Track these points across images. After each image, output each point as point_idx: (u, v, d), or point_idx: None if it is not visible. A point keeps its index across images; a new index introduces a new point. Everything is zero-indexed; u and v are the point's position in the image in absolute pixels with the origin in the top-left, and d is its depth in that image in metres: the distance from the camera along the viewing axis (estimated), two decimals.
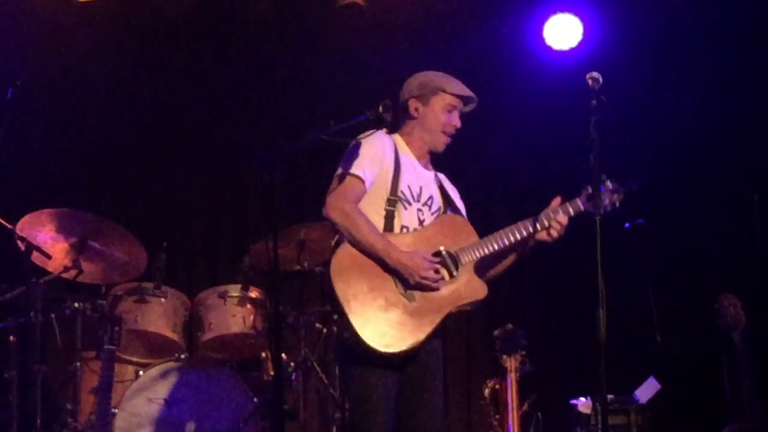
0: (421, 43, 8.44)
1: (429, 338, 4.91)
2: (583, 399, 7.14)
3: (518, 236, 5.14)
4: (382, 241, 4.87)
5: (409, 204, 5.08)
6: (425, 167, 5.27)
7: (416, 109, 5.22)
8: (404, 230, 5.03)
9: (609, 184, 5.16)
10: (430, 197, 5.20)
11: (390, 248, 4.86)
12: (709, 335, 6.94)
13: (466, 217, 5.29)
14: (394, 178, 5.05)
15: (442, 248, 5.03)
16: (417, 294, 4.90)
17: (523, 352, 5.95)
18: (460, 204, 5.36)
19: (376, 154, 5.03)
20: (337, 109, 7.91)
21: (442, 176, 5.38)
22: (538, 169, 8.48)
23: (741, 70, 8.16)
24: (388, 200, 5.02)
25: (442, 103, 5.23)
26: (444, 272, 5.00)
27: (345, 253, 4.86)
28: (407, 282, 4.88)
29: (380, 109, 4.89)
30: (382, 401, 4.88)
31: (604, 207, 5.09)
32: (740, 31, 8.12)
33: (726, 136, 8.22)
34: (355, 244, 4.85)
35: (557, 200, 5.23)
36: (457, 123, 5.25)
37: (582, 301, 5.18)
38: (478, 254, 5.07)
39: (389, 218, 5.01)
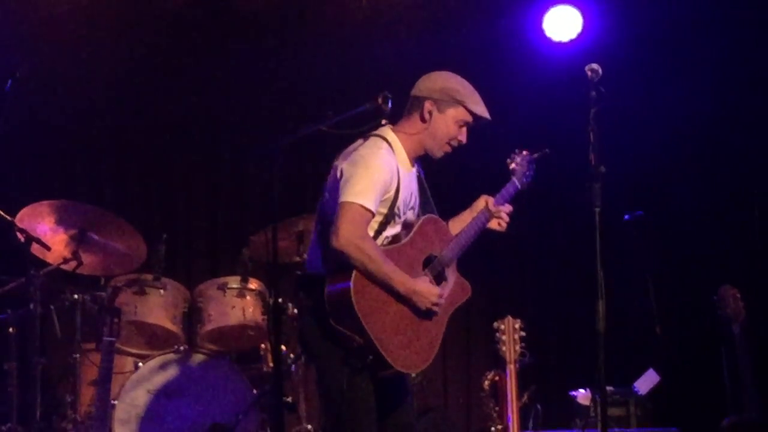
0: (420, 34, 8.44)
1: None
2: (582, 390, 7.15)
3: (480, 228, 5.18)
4: (394, 269, 4.81)
5: (400, 217, 5.03)
6: (413, 162, 5.15)
7: (429, 113, 5.05)
8: (386, 240, 4.98)
9: (524, 155, 5.37)
10: (415, 200, 5.15)
11: (403, 277, 4.82)
12: (709, 327, 6.95)
13: (434, 208, 5.25)
14: (394, 198, 4.97)
15: (435, 254, 5.04)
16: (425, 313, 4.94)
17: (523, 344, 5.95)
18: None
19: (384, 185, 4.90)
20: (336, 100, 7.97)
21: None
22: (536, 160, 8.46)
23: (741, 62, 8.16)
24: (385, 217, 4.95)
25: (457, 116, 5.06)
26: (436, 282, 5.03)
27: (362, 283, 4.76)
28: (418, 308, 4.88)
29: (379, 100, 4.87)
30: (370, 400, 4.87)
31: (529, 177, 5.36)
32: (740, 22, 8.11)
33: (726, 128, 8.22)
34: (368, 274, 4.76)
35: (486, 199, 5.26)
36: (464, 139, 5.13)
37: (581, 293, 5.19)
38: (458, 253, 5.11)
39: (378, 233, 4.95)
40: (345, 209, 4.80)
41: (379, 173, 4.88)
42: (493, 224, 5.25)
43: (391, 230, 5.01)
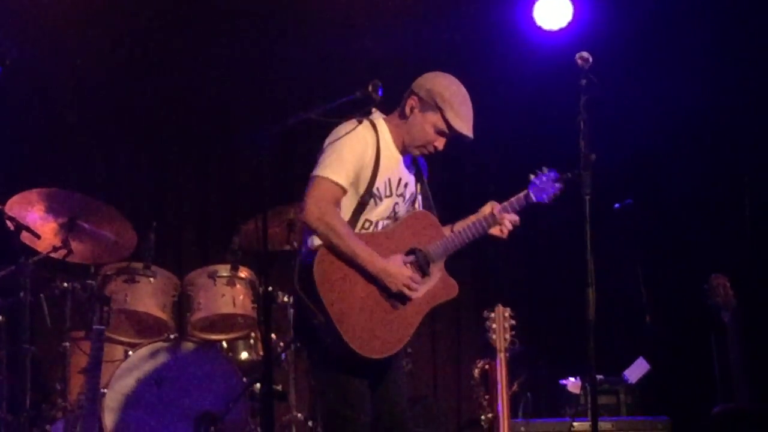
0: (410, 23, 8.43)
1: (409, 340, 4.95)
2: (572, 379, 7.17)
3: (479, 232, 5.10)
4: (363, 248, 4.79)
5: (381, 200, 4.98)
6: (402, 152, 5.10)
7: (411, 109, 5.02)
8: (367, 224, 4.96)
9: (549, 173, 5.17)
10: (406, 185, 5.09)
11: (372, 256, 4.80)
12: (699, 315, 6.95)
13: (432, 204, 5.21)
14: (371, 177, 4.93)
15: (420, 248, 4.99)
16: (398, 298, 4.90)
17: (513, 332, 5.95)
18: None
19: (358, 161, 4.89)
20: (326, 88, 7.95)
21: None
22: (527, 148, 8.46)
23: (731, 50, 8.17)
24: (361, 197, 4.92)
25: (435, 122, 4.99)
26: (418, 273, 4.98)
27: (326, 257, 4.76)
28: (389, 289, 4.84)
29: (369, 88, 4.85)
30: (363, 399, 4.87)
31: (549, 194, 5.15)
32: (730, 10, 8.11)
33: (716, 116, 8.23)
34: (334, 250, 4.75)
35: (492, 205, 5.17)
36: (440, 147, 5.06)
37: (571, 281, 5.18)
38: (447, 252, 5.05)
39: (356, 213, 4.93)
40: (314, 183, 4.85)
41: (351, 149, 4.88)
42: (495, 231, 5.18)
43: (372, 214, 4.96)
